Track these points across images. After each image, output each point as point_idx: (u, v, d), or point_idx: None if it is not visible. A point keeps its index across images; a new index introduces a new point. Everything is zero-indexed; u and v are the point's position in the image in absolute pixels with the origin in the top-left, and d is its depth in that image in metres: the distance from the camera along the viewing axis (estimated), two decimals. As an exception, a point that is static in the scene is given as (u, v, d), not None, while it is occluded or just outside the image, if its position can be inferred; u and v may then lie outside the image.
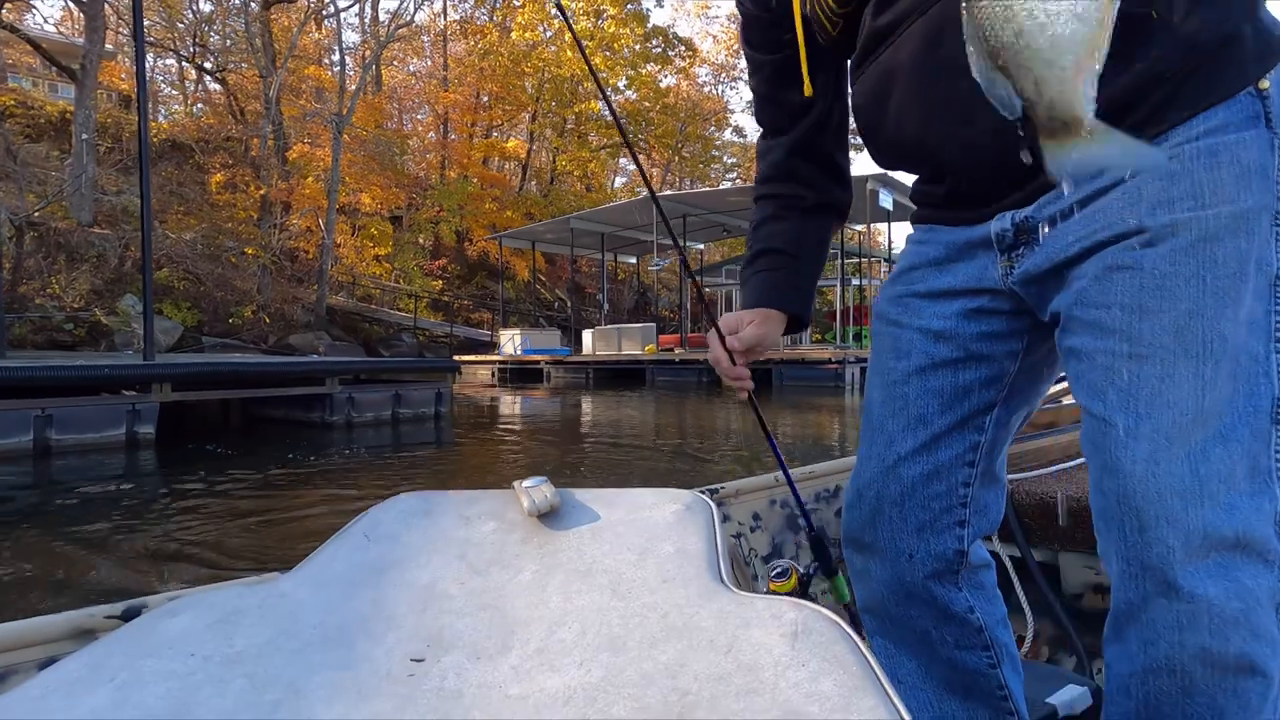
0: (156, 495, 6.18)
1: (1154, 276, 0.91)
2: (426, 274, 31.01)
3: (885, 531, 1.17)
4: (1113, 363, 0.94)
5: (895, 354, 1.18)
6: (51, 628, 0.91)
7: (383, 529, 0.89)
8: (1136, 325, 0.92)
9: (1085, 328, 0.97)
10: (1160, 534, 0.89)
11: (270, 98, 25.22)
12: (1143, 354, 0.92)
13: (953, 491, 1.15)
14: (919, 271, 1.18)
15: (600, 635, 0.73)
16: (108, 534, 4.86)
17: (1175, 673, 0.91)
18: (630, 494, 0.94)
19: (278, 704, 0.64)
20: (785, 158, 1.33)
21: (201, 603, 0.75)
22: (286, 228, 25.28)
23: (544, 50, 35.43)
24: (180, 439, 8.87)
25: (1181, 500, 0.88)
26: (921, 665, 1.22)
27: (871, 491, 1.18)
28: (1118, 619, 0.97)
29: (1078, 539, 1.82)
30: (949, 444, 1.14)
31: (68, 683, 0.65)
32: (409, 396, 11.16)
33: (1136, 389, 0.92)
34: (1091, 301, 0.96)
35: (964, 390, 1.13)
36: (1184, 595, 0.88)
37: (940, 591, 1.16)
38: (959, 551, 1.16)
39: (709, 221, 26.45)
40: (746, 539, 1.85)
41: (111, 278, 19.03)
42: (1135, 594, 0.92)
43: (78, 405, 8.15)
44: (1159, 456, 0.89)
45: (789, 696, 0.62)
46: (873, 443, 1.18)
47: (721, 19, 54.04)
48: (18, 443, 7.66)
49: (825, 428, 11.15)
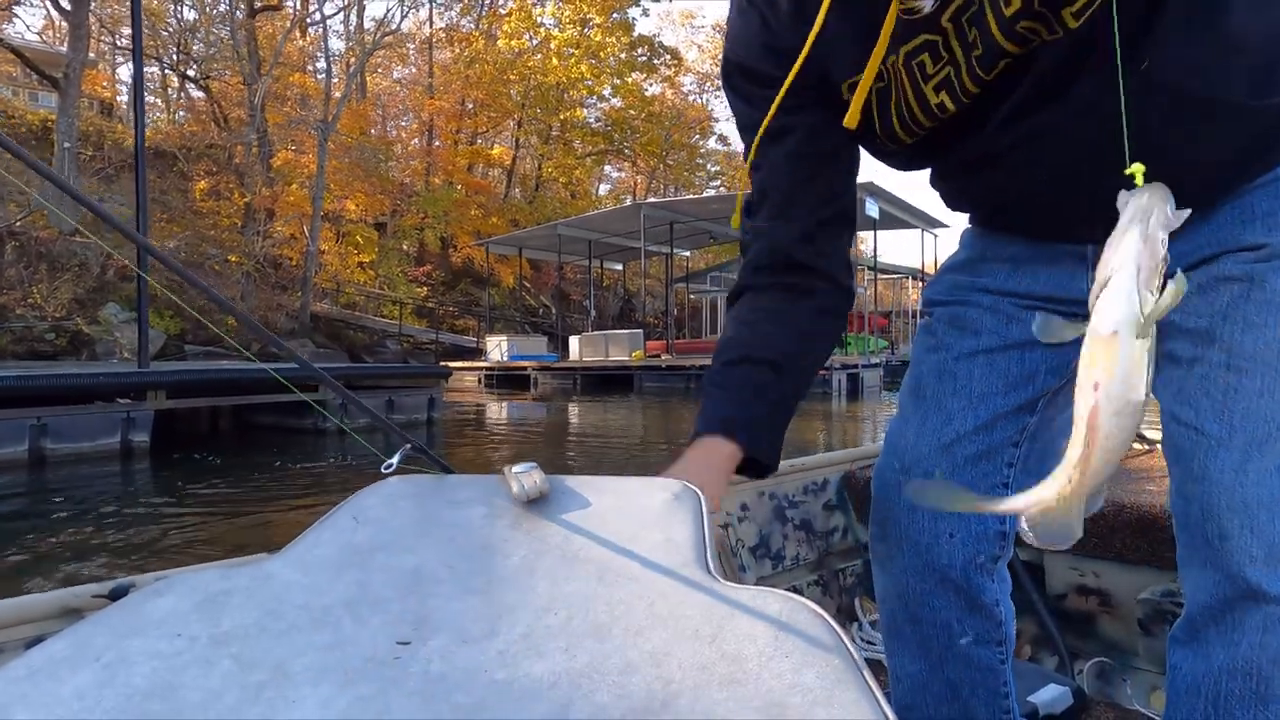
0: (159, 504, 6.13)
1: (1261, 289, 0.92)
2: (411, 280, 30.95)
3: (926, 512, 1.13)
4: (1209, 372, 0.94)
5: (959, 331, 1.15)
6: (39, 607, 0.91)
7: (370, 512, 0.88)
8: (1239, 337, 0.93)
9: (1184, 335, 0.97)
10: (1244, 542, 0.89)
11: (256, 105, 25.14)
12: (1242, 366, 0.92)
13: (997, 472, 1.13)
14: (991, 265, 1.14)
15: (586, 622, 0.73)
16: (108, 543, 4.82)
17: (1252, 676, 0.91)
18: (619, 482, 0.94)
19: (264, 685, 0.64)
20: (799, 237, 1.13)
21: (188, 583, 0.75)
22: (270, 235, 25.17)
23: (530, 59, 35.49)
24: (172, 447, 8.79)
25: (1269, 512, 0.89)
26: (928, 668, 1.19)
27: (920, 469, 1.13)
28: (1193, 622, 0.97)
29: None
30: (1004, 425, 1.12)
31: (54, 662, 0.65)
32: (401, 402, 11.12)
33: (1233, 400, 0.92)
34: (1194, 310, 0.96)
35: (1029, 375, 1.11)
36: (1271, 598, 0.89)
37: (976, 579, 1.14)
38: (1001, 533, 1.14)
39: (695, 229, 26.54)
40: (734, 529, 1.85)
41: (93, 286, 18.88)
42: (1216, 598, 0.93)
43: (73, 414, 8.05)
44: (1248, 468, 0.90)
45: (772, 687, 0.62)
46: (925, 419, 1.14)
47: (707, 28, 54.34)
48: (13, 453, 7.56)
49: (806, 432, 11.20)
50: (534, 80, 35.47)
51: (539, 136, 38.85)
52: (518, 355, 24.71)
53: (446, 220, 32.20)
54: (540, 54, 35.81)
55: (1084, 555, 1.84)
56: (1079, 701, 1.59)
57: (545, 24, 36.65)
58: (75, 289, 18.48)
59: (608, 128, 39.31)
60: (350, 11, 32.93)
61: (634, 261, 33.89)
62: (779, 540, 1.94)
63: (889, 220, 23.62)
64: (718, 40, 50.56)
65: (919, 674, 1.20)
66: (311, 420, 10.12)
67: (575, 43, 35.37)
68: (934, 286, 1.21)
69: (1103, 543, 1.77)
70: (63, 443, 7.89)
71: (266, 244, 24.84)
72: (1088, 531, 1.82)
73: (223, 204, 24.90)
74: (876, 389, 20.05)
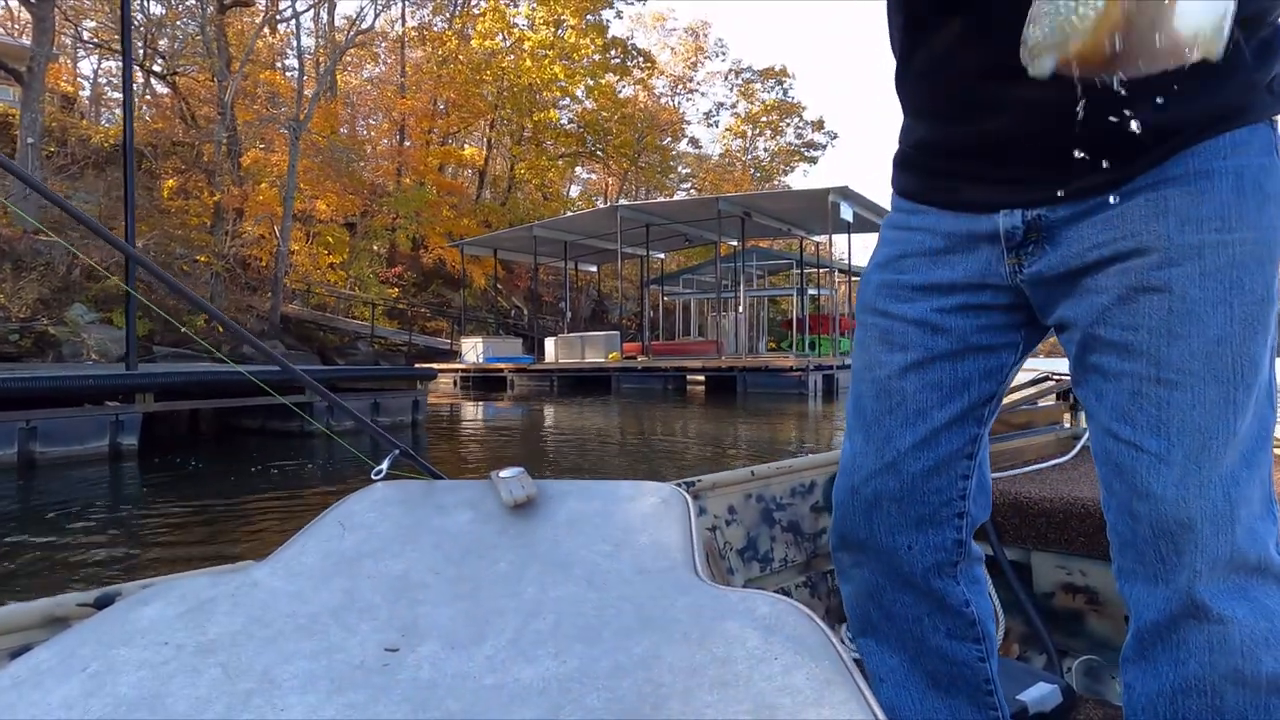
0: (154, 510, 6.01)
1: (1182, 300, 0.92)
2: (383, 282, 30.72)
3: (882, 526, 1.15)
4: (1140, 386, 0.94)
5: (888, 347, 1.14)
6: (24, 616, 0.89)
7: (357, 518, 0.88)
8: (1165, 350, 0.93)
9: (1110, 348, 0.97)
10: (1190, 559, 0.91)
11: (226, 102, 24.86)
12: (1172, 379, 0.92)
13: (953, 484, 1.13)
14: (911, 260, 1.13)
15: (575, 626, 0.73)
16: (113, 552, 4.74)
17: (1205, 693, 0.92)
18: (607, 486, 0.94)
19: (251, 693, 0.63)
20: None
21: (174, 591, 0.74)
22: (240, 235, 24.89)
23: (503, 59, 35.38)
24: (153, 451, 8.62)
25: (1212, 526, 0.90)
26: (907, 660, 1.20)
27: (869, 488, 1.14)
28: (1142, 638, 0.98)
29: (1050, 539, 1.85)
30: (949, 438, 1.12)
31: (39, 672, 0.63)
32: (387, 405, 11.07)
33: (1167, 414, 0.92)
34: (1117, 322, 0.96)
35: (963, 383, 1.11)
36: (1214, 617, 0.90)
37: (939, 584, 1.15)
38: (958, 542, 1.15)
39: (671, 231, 26.61)
40: (722, 532, 1.85)
41: (59, 286, 18.56)
42: (1162, 614, 0.94)
43: (63, 417, 7.88)
44: (1189, 482, 0.91)
45: (761, 689, 0.63)
46: (869, 438, 1.15)
47: (679, 31, 54.56)
48: (2, 455, 7.38)
49: (785, 431, 11.26)
50: (507, 81, 35.36)
51: (511, 137, 38.74)
52: (493, 357, 24.62)
53: (418, 221, 32.00)
54: (514, 55, 35.70)
55: (1071, 554, 1.86)
56: (1068, 699, 1.60)
57: (519, 24, 36.61)
58: (40, 289, 18.16)
59: (580, 129, 39.33)
60: (320, 9, 32.71)
61: (607, 264, 33.94)
62: (767, 542, 1.95)
63: (862, 224, 23.82)
64: (689, 43, 50.81)
65: (899, 667, 1.21)
66: (297, 423, 9.96)
67: (550, 44, 35.31)
68: (864, 290, 1.20)
69: (1089, 541, 1.79)
70: (52, 446, 7.71)
71: (235, 244, 24.55)
72: (1074, 530, 1.80)
73: (191, 203, 24.58)
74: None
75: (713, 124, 56.17)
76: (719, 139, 53.75)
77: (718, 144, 53.54)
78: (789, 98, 50.54)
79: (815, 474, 2.08)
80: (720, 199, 22.98)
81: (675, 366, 20.94)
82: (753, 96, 51.14)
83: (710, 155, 52.20)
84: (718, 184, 47.06)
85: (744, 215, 23.18)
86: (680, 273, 33.78)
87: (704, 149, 52.40)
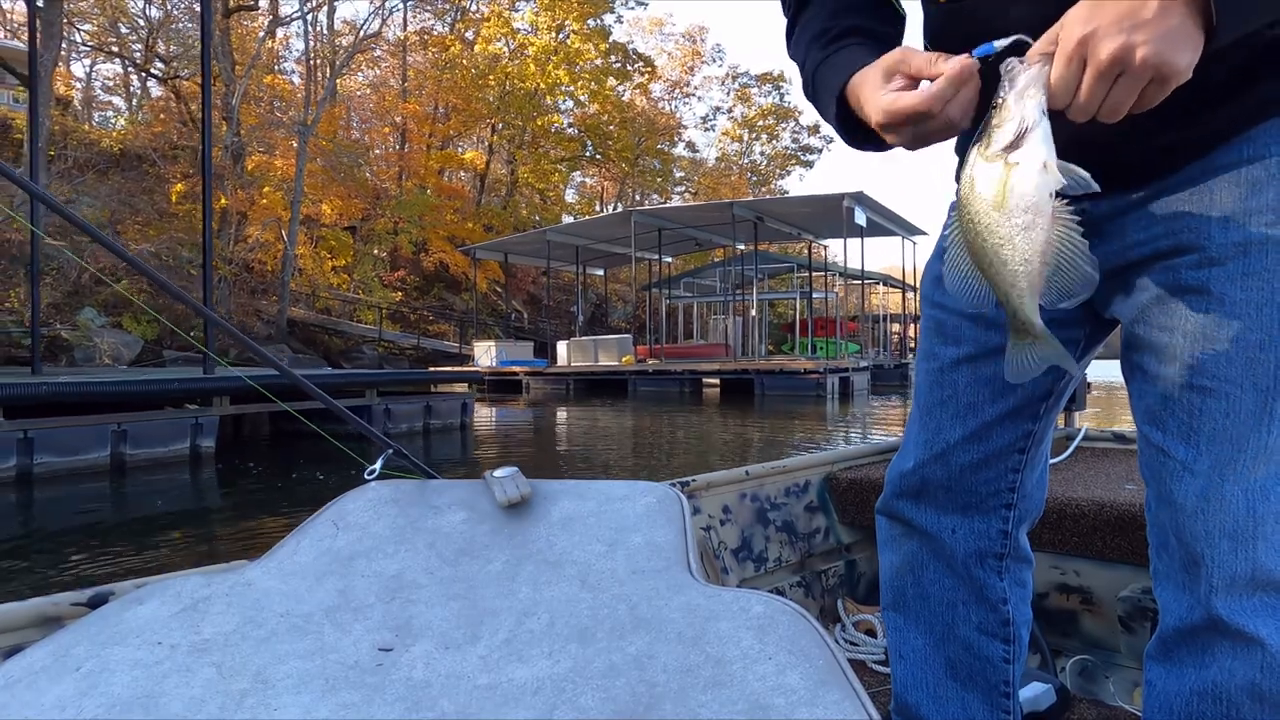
0: (245, 512, 6.08)
1: (1221, 303, 0.87)
2: (386, 285, 30.76)
3: (929, 509, 1.16)
4: (1173, 391, 0.91)
5: (942, 339, 1.14)
6: (17, 615, 0.89)
7: (351, 518, 0.88)
8: (1201, 355, 0.89)
9: (1147, 349, 0.95)
10: (1205, 572, 0.89)
11: (232, 106, 24.93)
12: (1206, 386, 0.88)
13: (1001, 478, 1.13)
14: None
15: (569, 626, 0.73)
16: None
17: (1221, 701, 0.91)
18: (601, 485, 0.94)
19: (245, 693, 0.63)
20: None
21: (168, 590, 0.74)
22: (246, 239, 24.95)
23: (507, 65, 35.44)
24: (221, 454, 8.67)
25: (1231, 541, 0.87)
26: (932, 643, 1.20)
27: (917, 474, 1.17)
28: (1166, 640, 0.97)
29: (1044, 539, 1.85)
30: (1001, 432, 1.11)
31: (33, 672, 0.64)
32: (438, 408, 11.30)
33: (1198, 422, 0.89)
34: (1154, 322, 0.93)
35: None
36: (1232, 632, 0.88)
37: (979, 574, 1.15)
38: (1003, 533, 1.15)
39: (680, 235, 26.69)
40: (716, 532, 1.86)
41: (70, 290, 18.64)
42: (1184, 622, 0.93)
43: (149, 420, 7.96)
44: (1211, 494, 0.88)
45: (755, 689, 0.63)
46: (923, 426, 1.17)
47: (676, 36, 54.59)
48: (96, 459, 7.44)
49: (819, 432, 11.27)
50: (510, 85, 35.41)
51: (511, 142, 38.78)
52: (507, 361, 24.65)
53: (421, 225, 32.02)
54: (517, 60, 35.76)
55: (1065, 554, 1.86)
56: (1062, 699, 1.60)
57: (522, 29, 36.66)
58: (52, 293, 18.25)
59: (581, 133, 39.39)
60: (320, 12, 32.80)
61: (612, 268, 33.97)
62: (761, 542, 1.95)
63: (874, 228, 23.81)
64: (687, 48, 50.89)
65: (922, 649, 1.21)
66: (340, 426, 10.11)
67: (553, 49, 35.36)
68: (924, 281, 1.21)
69: (1083, 541, 1.79)
70: (140, 449, 7.78)
71: (241, 248, 24.61)
72: (1068, 530, 1.81)
73: (198, 207, 24.64)
74: (865, 392, 20.32)
75: (709, 128, 56.09)
76: (715, 143, 53.93)
77: (714, 148, 53.73)
78: (785, 102, 50.60)
79: (809, 474, 2.09)
80: (734, 203, 23.07)
81: (691, 370, 20.93)
82: (749, 101, 51.23)
83: (706, 160, 52.30)
84: (714, 188, 47.13)
85: (757, 219, 23.22)
86: (680, 276, 33.80)
87: (699, 153, 52.55)
